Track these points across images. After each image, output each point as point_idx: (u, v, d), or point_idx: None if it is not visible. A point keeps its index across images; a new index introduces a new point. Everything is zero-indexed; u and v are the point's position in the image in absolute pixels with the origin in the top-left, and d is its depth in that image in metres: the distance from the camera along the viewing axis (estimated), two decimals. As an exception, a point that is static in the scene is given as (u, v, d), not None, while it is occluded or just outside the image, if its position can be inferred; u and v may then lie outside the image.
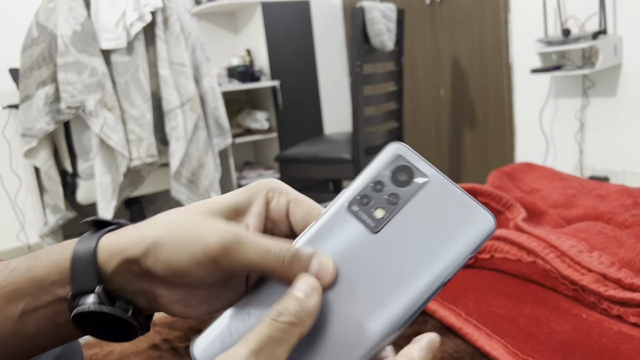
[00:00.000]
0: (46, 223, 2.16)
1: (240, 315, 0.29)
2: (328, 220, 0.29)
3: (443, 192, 0.29)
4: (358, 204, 0.29)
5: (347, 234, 0.29)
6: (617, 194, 0.94)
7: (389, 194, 0.29)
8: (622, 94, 2.15)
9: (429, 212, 0.28)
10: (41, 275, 0.32)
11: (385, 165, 0.30)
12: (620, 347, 0.57)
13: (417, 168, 0.30)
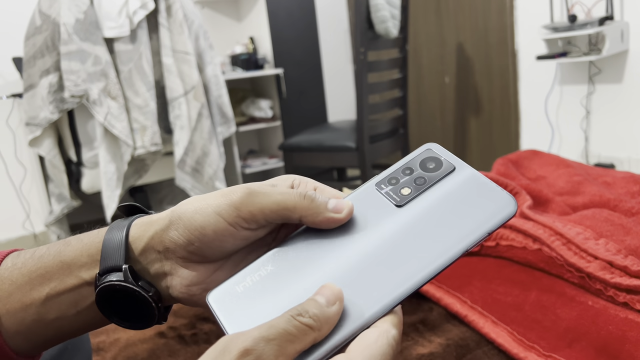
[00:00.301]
0: (51, 212, 2.17)
1: (258, 269, 0.31)
2: (356, 195, 0.32)
3: (468, 178, 0.31)
4: (386, 183, 0.32)
5: (372, 206, 0.31)
6: (623, 181, 0.94)
7: (416, 177, 0.31)
8: (628, 81, 2.13)
9: (453, 194, 0.30)
10: (71, 258, 0.34)
11: (415, 156, 0.33)
12: (626, 334, 0.57)
13: (445, 159, 0.32)
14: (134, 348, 0.74)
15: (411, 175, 0.31)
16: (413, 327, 0.72)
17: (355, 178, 2.95)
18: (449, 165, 0.32)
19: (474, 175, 0.31)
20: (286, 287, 0.29)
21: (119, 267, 0.33)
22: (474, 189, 0.30)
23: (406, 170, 0.32)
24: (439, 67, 2.97)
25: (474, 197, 0.30)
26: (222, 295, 0.30)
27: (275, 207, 0.31)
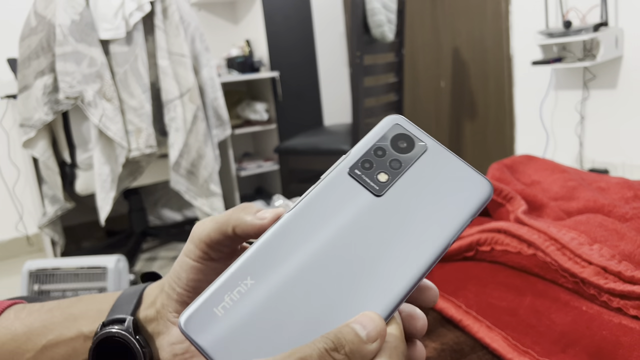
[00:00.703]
0: (45, 214, 2.16)
1: (235, 284, 0.26)
2: (328, 184, 0.29)
3: (442, 159, 0.29)
4: (360, 168, 0.29)
5: (350, 197, 0.28)
6: (618, 186, 0.94)
7: (390, 160, 0.29)
8: (622, 87, 2.15)
9: (429, 178, 0.29)
10: (80, 311, 0.35)
11: (384, 133, 0.30)
12: (620, 339, 0.57)
13: (415, 136, 0.30)
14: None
15: (384, 157, 0.29)
16: (407, 332, 0.72)
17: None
18: (421, 144, 0.30)
19: (448, 156, 0.30)
20: (279, 308, 0.26)
21: (123, 319, 0.33)
22: (450, 173, 0.29)
23: (378, 152, 0.29)
24: (435, 72, 2.98)
25: (452, 182, 0.29)
26: (201, 321, 0.25)
27: (216, 226, 0.30)
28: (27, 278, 1.51)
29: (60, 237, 2.25)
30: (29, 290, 1.51)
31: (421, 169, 0.29)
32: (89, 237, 2.75)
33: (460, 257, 0.80)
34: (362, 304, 0.26)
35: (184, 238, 2.62)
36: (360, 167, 0.29)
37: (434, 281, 0.82)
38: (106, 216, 1.95)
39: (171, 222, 2.89)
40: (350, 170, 0.29)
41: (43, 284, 1.53)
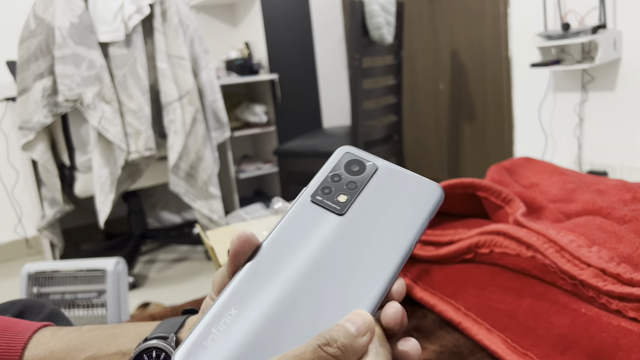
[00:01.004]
0: (44, 216, 2.15)
1: (221, 315, 0.28)
2: (294, 213, 0.31)
3: (393, 174, 0.32)
4: (321, 194, 0.32)
5: (315, 220, 0.30)
6: (616, 188, 0.94)
7: (346, 183, 0.32)
8: (621, 89, 2.15)
9: (385, 192, 0.31)
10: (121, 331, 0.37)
11: (337, 162, 0.33)
12: (618, 342, 0.57)
13: (365, 159, 0.33)
14: (126, 354, 0.73)
15: (341, 182, 0.32)
16: (407, 334, 0.72)
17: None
18: (371, 165, 0.33)
19: (398, 171, 0.32)
20: (264, 329, 0.27)
21: (166, 336, 0.35)
22: (402, 184, 0.32)
23: (335, 178, 0.32)
24: (434, 74, 2.98)
25: (405, 192, 0.31)
26: (193, 356, 0.27)
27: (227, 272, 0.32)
28: (26, 281, 1.51)
29: (59, 240, 2.25)
30: (28, 293, 1.51)
31: (376, 186, 0.32)
32: (88, 240, 2.75)
33: (460, 259, 0.80)
34: (345, 311, 0.27)
35: (183, 240, 2.62)
36: (320, 193, 0.32)
37: (435, 284, 0.82)
38: (105, 218, 1.95)
39: (170, 224, 2.89)
40: (312, 197, 0.31)
41: (42, 286, 1.53)
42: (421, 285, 0.81)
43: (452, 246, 0.80)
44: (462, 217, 0.90)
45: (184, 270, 2.29)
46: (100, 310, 1.51)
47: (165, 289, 2.10)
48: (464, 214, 0.91)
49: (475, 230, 0.78)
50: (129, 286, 2.06)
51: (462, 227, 0.84)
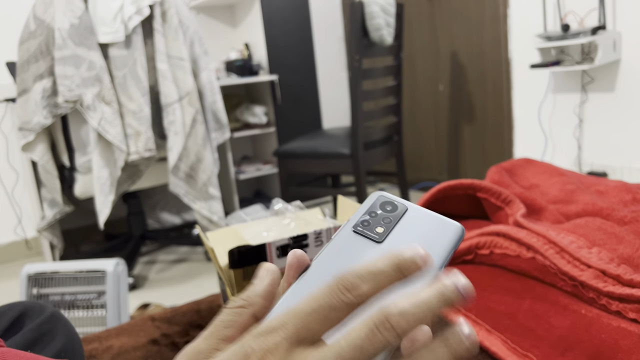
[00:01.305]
0: (43, 217, 2.15)
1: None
2: (339, 240, 0.37)
3: (420, 214, 0.38)
4: (361, 226, 0.37)
5: (358, 246, 0.36)
6: (616, 189, 0.94)
7: (382, 218, 0.38)
8: (620, 90, 2.15)
9: (415, 227, 0.37)
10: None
11: (372, 203, 0.39)
12: (619, 343, 0.57)
13: (397, 201, 0.39)
14: (127, 355, 0.73)
15: (377, 217, 0.38)
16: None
17: (350, 185, 2.96)
18: (402, 206, 0.39)
19: (425, 212, 0.38)
20: None
21: None
22: (429, 222, 0.37)
23: (372, 214, 0.38)
24: (433, 75, 2.98)
25: (432, 229, 0.37)
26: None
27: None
28: (25, 282, 1.51)
29: (59, 241, 2.25)
30: (27, 294, 1.51)
31: (407, 222, 0.38)
32: (88, 241, 2.75)
33: (460, 260, 0.80)
34: None
35: (182, 241, 2.62)
36: (361, 225, 0.37)
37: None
38: (105, 219, 1.95)
39: (170, 225, 2.89)
40: (354, 228, 0.37)
41: (42, 287, 1.52)
42: (421, 286, 0.81)
43: (452, 247, 0.80)
44: (462, 218, 0.90)
45: (183, 271, 2.29)
46: (100, 311, 1.51)
47: (165, 290, 2.10)
48: (464, 215, 0.91)
49: (475, 232, 0.78)
50: (129, 287, 2.06)
51: (462, 228, 0.84)
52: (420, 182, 3.16)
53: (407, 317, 0.25)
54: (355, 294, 0.26)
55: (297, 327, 0.24)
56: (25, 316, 0.52)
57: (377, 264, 0.27)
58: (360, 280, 0.26)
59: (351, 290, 0.26)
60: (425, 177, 3.14)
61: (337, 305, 0.25)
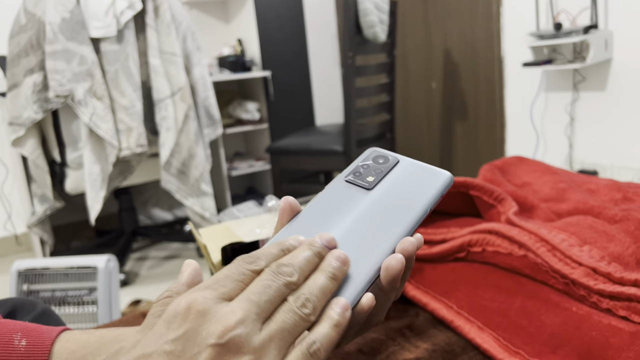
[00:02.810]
0: (34, 213, 2.14)
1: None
2: (330, 188, 0.39)
3: (412, 165, 0.40)
4: (352, 176, 0.39)
5: (348, 193, 0.38)
6: (607, 188, 0.95)
7: (374, 169, 0.40)
8: (612, 89, 2.16)
9: (405, 176, 0.39)
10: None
11: (366, 157, 0.41)
12: (609, 340, 0.58)
13: (389, 155, 0.41)
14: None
15: (369, 168, 0.40)
16: (399, 332, 0.72)
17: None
18: (394, 158, 0.41)
19: (416, 163, 0.40)
20: None
21: None
22: (419, 172, 0.40)
23: (364, 166, 0.40)
24: (426, 73, 2.99)
25: (422, 177, 0.39)
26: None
27: None
28: (15, 278, 1.50)
29: (50, 237, 2.23)
30: (17, 291, 1.50)
31: (398, 172, 0.40)
32: (79, 237, 2.73)
33: (452, 258, 0.80)
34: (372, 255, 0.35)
35: (174, 238, 2.61)
36: (352, 175, 0.40)
37: (427, 282, 0.83)
38: (96, 215, 1.94)
39: (162, 221, 2.88)
40: (346, 177, 0.39)
41: (32, 283, 1.51)
42: (414, 283, 0.82)
43: (444, 245, 0.80)
44: (455, 216, 0.91)
45: (175, 268, 2.28)
46: (91, 307, 1.50)
47: (157, 287, 2.09)
48: (457, 213, 0.92)
49: (467, 229, 0.79)
50: (120, 283, 2.05)
51: (455, 225, 0.84)
52: (412, 179, 3.17)
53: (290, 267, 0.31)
54: (256, 264, 0.31)
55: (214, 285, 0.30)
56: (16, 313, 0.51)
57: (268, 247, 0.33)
58: (258, 257, 0.32)
59: (252, 262, 0.31)
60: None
61: (243, 271, 0.31)
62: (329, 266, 0.32)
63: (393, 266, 0.33)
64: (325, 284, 0.31)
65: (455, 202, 0.90)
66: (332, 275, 0.32)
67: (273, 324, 0.29)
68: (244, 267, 0.31)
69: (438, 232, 0.84)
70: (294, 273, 0.31)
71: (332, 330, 0.30)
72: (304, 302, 0.30)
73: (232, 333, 0.27)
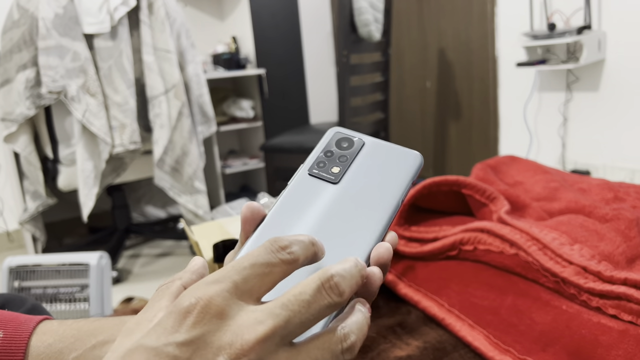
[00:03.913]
0: (26, 209, 2.13)
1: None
2: (295, 185, 0.35)
3: (378, 147, 0.37)
4: (316, 168, 0.36)
5: (314, 189, 0.35)
6: (598, 188, 0.96)
7: (338, 157, 0.36)
8: (604, 89, 2.18)
9: (372, 162, 0.36)
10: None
11: (328, 141, 0.38)
12: (598, 338, 0.58)
13: (354, 137, 0.38)
14: (109, 349, 0.73)
15: (333, 156, 0.36)
16: (391, 330, 0.73)
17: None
18: (359, 141, 0.37)
19: (382, 144, 0.37)
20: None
21: None
22: (387, 154, 0.37)
23: (327, 153, 0.37)
24: (421, 72, 2.99)
25: (390, 160, 0.36)
26: None
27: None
28: (7, 274, 1.49)
29: (42, 234, 2.22)
30: (9, 287, 1.49)
31: (364, 157, 0.36)
32: (71, 234, 2.72)
33: (444, 256, 0.80)
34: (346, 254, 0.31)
35: (167, 235, 2.60)
36: (316, 167, 0.36)
37: (419, 280, 0.83)
38: (89, 212, 1.93)
39: (155, 219, 2.87)
40: (309, 171, 0.36)
41: (23, 280, 1.51)
42: (405, 281, 0.82)
43: (436, 243, 0.81)
44: (447, 214, 0.91)
45: (168, 265, 2.27)
46: (83, 304, 1.50)
47: (149, 284, 2.08)
48: (449, 211, 0.92)
49: (459, 228, 0.79)
50: (113, 281, 2.04)
51: (447, 224, 0.85)
52: (406, 178, 3.17)
53: (347, 279, 0.26)
54: (289, 251, 0.26)
55: (236, 279, 0.25)
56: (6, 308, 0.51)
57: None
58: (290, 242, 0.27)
59: (285, 248, 0.26)
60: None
61: (273, 261, 0.25)
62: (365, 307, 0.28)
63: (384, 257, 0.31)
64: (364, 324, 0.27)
65: (447, 200, 0.90)
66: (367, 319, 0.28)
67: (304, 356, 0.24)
68: (274, 255, 0.26)
69: (430, 231, 0.84)
70: (344, 293, 0.26)
71: None
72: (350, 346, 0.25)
73: (245, 355, 0.23)
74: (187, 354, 0.23)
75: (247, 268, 0.25)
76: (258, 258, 0.25)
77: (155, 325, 0.24)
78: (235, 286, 0.24)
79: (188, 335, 0.23)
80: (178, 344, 0.23)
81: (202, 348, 0.23)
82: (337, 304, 0.25)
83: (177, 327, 0.23)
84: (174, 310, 0.24)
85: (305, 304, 0.24)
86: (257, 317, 0.24)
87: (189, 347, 0.23)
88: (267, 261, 0.25)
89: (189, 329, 0.23)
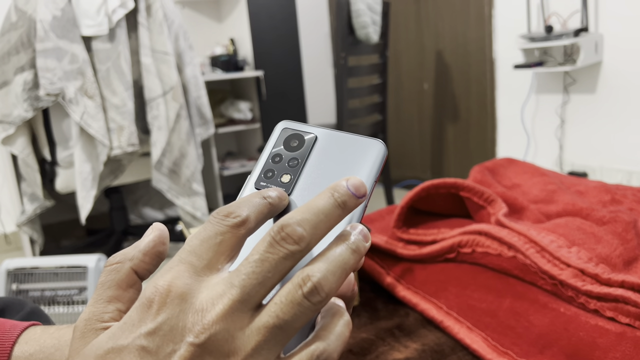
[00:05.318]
0: (23, 212, 2.12)
1: None
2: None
3: (333, 140, 0.32)
4: (264, 179, 0.31)
5: None
6: (596, 190, 0.96)
7: (288, 161, 0.31)
8: (601, 91, 2.18)
9: (328, 160, 0.31)
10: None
11: (276, 140, 0.33)
12: (596, 341, 0.58)
13: (303, 131, 0.32)
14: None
15: (282, 161, 0.31)
16: (389, 332, 0.73)
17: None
18: (310, 136, 0.32)
19: (337, 135, 0.32)
20: None
21: None
22: (344, 148, 0.31)
23: (275, 158, 0.32)
24: (418, 74, 3.00)
25: (348, 154, 0.31)
26: None
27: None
28: (4, 277, 1.49)
29: (39, 236, 2.22)
30: (7, 290, 1.49)
31: (318, 156, 0.31)
32: (69, 236, 2.71)
33: (442, 258, 0.80)
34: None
35: (165, 237, 2.59)
36: (264, 178, 0.31)
37: (417, 283, 0.83)
38: (87, 214, 1.93)
39: (153, 221, 2.87)
40: (257, 184, 0.31)
41: (21, 283, 1.50)
42: (404, 284, 0.82)
43: (434, 245, 0.81)
44: (445, 217, 0.91)
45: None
46: (81, 307, 1.50)
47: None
48: (447, 214, 0.92)
49: (457, 230, 0.79)
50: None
51: (445, 226, 0.85)
52: (404, 180, 3.18)
53: (303, 223, 0.24)
54: (234, 215, 0.25)
55: (190, 258, 0.24)
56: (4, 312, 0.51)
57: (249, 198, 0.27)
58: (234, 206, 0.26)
59: (229, 214, 0.25)
60: (409, 175, 3.16)
61: (221, 229, 0.25)
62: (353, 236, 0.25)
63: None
64: (348, 261, 0.25)
65: (445, 203, 0.91)
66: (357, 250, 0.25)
67: (266, 316, 0.23)
68: (221, 224, 0.25)
69: (428, 233, 0.85)
70: (304, 237, 0.24)
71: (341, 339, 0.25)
72: (312, 289, 0.23)
73: (210, 331, 0.22)
74: (155, 342, 0.23)
75: (197, 245, 0.25)
76: (206, 232, 0.25)
77: (123, 323, 0.24)
78: (191, 265, 0.24)
79: (153, 325, 0.23)
80: (145, 334, 0.23)
81: (169, 332, 0.23)
82: (296, 252, 0.24)
83: (143, 319, 0.23)
84: (138, 305, 0.24)
85: (257, 263, 0.23)
86: (218, 290, 0.23)
87: (156, 335, 0.23)
88: (214, 232, 0.25)
89: (154, 317, 0.23)
